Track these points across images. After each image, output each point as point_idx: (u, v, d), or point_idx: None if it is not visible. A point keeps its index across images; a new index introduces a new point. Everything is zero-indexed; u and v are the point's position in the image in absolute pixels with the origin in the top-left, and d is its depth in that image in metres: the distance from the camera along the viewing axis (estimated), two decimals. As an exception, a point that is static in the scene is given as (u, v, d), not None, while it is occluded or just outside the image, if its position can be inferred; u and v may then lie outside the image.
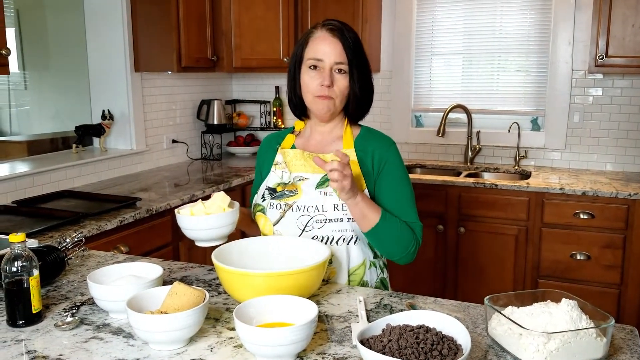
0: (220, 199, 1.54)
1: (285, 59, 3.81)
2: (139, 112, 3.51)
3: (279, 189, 1.66)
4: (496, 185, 3.23)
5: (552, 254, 3.17)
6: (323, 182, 1.61)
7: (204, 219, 1.48)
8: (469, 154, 3.82)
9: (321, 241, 1.60)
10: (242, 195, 3.40)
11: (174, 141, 3.84)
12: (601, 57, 3.20)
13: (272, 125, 4.33)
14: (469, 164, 3.83)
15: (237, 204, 1.57)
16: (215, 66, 3.70)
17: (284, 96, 4.33)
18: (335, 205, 1.58)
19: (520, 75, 3.79)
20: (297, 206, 1.61)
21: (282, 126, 4.31)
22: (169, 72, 3.63)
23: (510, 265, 3.28)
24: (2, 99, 5.05)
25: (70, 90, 4.05)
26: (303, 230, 1.61)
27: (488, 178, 3.69)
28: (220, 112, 4.02)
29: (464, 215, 3.32)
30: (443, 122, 3.72)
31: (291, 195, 1.63)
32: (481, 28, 3.82)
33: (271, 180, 1.69)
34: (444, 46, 3.94)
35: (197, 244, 1.54)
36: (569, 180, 3.27)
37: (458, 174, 3.72)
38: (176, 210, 1.53)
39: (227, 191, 3.20)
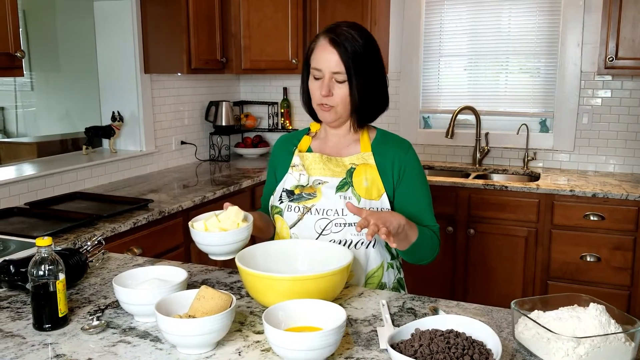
0: (234, 213, 1.51)
1: (294, 61, 3.81)
2: (149, 114, 3.52)
3: (296, 192, 1.66)
4: (506, 187, 3.23)
5: (562, 255, 3.18)
6: (343, 186, 1.62)
7: (219, 235, 1.46)
8: (478, 155, 3.83)
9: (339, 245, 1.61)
10: (252, 196, 3.41)
11: (182, 142, 3.84)
12: (611, 59, 3.21)
13: (279, 127, 4.34)
14: (477, 165, 3.83)
15: (251, 217, 1.55)
16: (225, 68, 3.71)
17: (292, 97, 4.34)
18: None
19: (528, 76, 3.80)
20: (316, 209, 1.61)
21: (290, 127, 4.31)
22: (179, 74, 3.63)
23: (520, 267, 3.28)
24: (9, 100, 5.05)
25: (80, 91, 4.06)
26: (320, 233, 1.61)
27: (497, 179, 3.70)
28: (228, 113, 4.03)
29: (473, 217, 3.32)
30: (452, 123, 3.72)
31: (310, 198, 1.63)
32: (489, 30, 3.83)
33: (288, 182, 1.69)
34: (452, 48, 3.94)
35: (211, 257, 1.52)
36: (578, 182, 3.27)
37: (466, 175, 3.72)
38: (190, 223, 1.50)
39: (237, 193, 3.23)
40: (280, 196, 1.69)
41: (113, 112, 3.39)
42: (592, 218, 3.08)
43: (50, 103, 4.75)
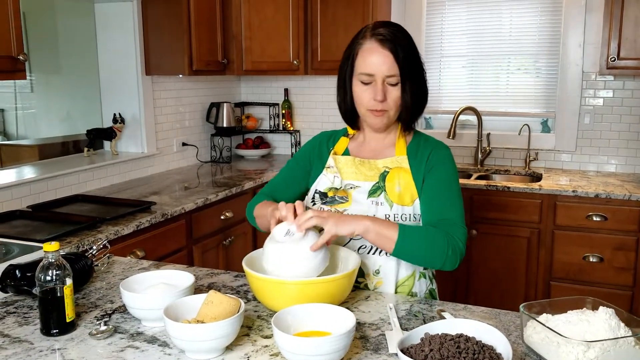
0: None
1: (295, 62, 3.80)
2: (150, 116, 3.51)
3: (330, 194, 1.63)
4: (508, 187, 3.23)
5: (565, 256, 3.18)
6: (375, 191, 1.58)
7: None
8: (479, 156, 3.83)
9: (369, 251, 1.58)
10: (254, 198, 3.40)
11: (184, 144, 3.84)
12: (613, 59, 3.21)
13: (281, 128, 4.33)
14: (479, 166, 3.83)
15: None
16: (226, 69, 3.70)
17: (293, 98, 4.33)
18: (387, 216, 1.55)
19: (530, 77, 3.80)
20: (349, 214, 1.55)
21: (291, 128, 4.31)
22: (180, 76, 3.63)
23: (523, 268, 3.28)
24: (8, 101, 5.04)
25: (80, 93, 4.05)
26: (351, 238, 1.58)
27: (498, 180, 3.69)
28: (230, 114, 4.02)
29: (476, 218, 3.32)
30: (454, 124, 3.72)
31: (342, 202, 1.60)
32: (491, 30, 3.83)
33: (322, 184, 1.65)
34: (453, 48, 3.94)
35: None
36: (580, 183, 3.27)
37: (468, 176, 3.72)
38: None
39: (239, 194, 3.22)
40: (313, 197, 1.66)
41: (114, 114, 3.39)
42: (594, 218, 3.08)
43: (50, 105, 4.74)
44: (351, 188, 1.61)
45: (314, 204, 1.64)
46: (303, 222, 1.38)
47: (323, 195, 1.64)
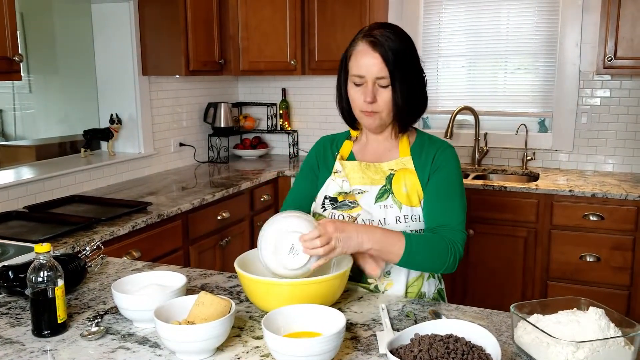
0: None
1: (292, 62, 3.81)
2: (147, 116, 3.51)
3: (340, 199, 1.62)
4: (505, 187, 3.23)
5: (562, 255, 3.18)
6: (382, 195, 1.58)
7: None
8: (477, 155, 3.83)
9: None
10: (251, 198, 3.40)
11: (181, 144, 3.84)
12: (610, 58, 3.21)
13: (278, 128, 4.33)
14: (476, 165, 3.83)
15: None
16: (223, 69, 3.70)
17: (291, 98, 4.34)
18: (397, 218, 1.55)
19: (527, 76, 3.79)
20: (362, 219, 1.56)
21: (289, 128, 4.31)
22: (177, 76, 3.63)
23: (520, 268, 3.28)
24: (7, 102, 5.04)
25: (78, 94, 4.05)
26: None
27: (496, 180, 3.69)
28: (227, 114, 4.02)
29: (473, 218, 3.32)
30: (451, 124, 3.72)
31: (353, 207, 1.59)
32: (488, 30, 3.83)
33: (331, 189, 1.64)
34: (450, 48, 3.94)
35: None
36: (577, 182, 3.27)
37: (465, 176, 3.72)
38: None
39: (236, 195, 3.22)
40: (323, 203, 1.64)
41: (111, 115, 3.39)
42: (591, 218, 3.08)
43: (48, 105, 4.74)
44: (359, 193, 1.60)
45: (324, 209, 1.63)
46: (310, 249, 1.34)
47: (333, 200, 1.63)
